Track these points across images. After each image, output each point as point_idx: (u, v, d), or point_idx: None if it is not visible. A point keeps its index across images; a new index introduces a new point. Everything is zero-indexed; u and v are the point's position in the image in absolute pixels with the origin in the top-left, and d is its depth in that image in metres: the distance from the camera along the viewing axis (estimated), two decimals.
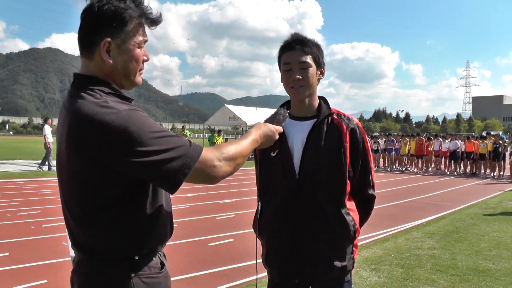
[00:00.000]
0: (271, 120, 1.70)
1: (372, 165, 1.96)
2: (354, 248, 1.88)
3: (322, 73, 1.87)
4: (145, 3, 1.36)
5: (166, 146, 1.22)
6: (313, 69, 1.80)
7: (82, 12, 1.32)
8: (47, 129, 14.82)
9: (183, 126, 20.85)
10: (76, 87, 1.31)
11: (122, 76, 1.36)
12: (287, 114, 1.75)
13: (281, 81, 1.87)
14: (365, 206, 1.97)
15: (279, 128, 1.65)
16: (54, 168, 14.16)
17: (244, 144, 1.42)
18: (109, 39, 1.29)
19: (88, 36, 1.31)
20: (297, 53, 1.80)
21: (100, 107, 1.22)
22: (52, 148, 14.49)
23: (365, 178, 1.93)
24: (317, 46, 1.84)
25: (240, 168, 1.45)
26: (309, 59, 1.80)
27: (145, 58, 1.39)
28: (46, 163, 14.89)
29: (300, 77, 1.79)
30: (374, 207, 2.03)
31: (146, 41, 1.39)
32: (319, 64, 1.84)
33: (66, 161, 1.28)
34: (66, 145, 1.27)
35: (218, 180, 1.32)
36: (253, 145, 1.47)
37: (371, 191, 1.97)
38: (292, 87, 1.81)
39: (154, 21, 1.39)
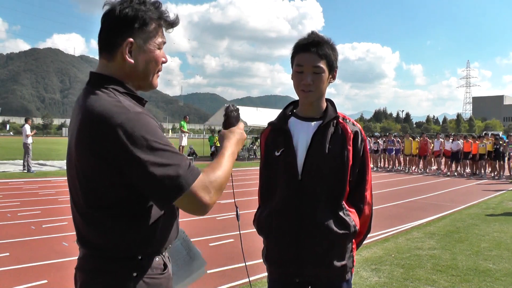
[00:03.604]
0: (230, 123, 1.58)
1: (369, 177, 1.88)
2: (353, 246, 1.88)
3: (333, 77, 1.85)
4: (163, 7, 1.40)
5: (166, 160, 1.21)
6: (325, 74, 1.78)
7: (103, 15, 1.35)
8: (27, 129, 14.59)
9: (185, 116, 20.08)
10: (91, 85, 1.34)
11: (142, 77, 1.39)
12: (236, 106, 1.65)
13: (292, 79, 1.86)
14: (359, 219, 1.87)
15: (242, 125, 1.58)
16: (33, 169, 14.07)
17: (228, 166, 1.36)
18: (131, 40, 1.33)
19: (110, 37, 1.33)
20: (311, 57, 1.76)
21: (112, 106, 1.24)
22: (31, 149, 14.36)
23: (358, 190, 1.86)
24: (332, 49, 1.80)
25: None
26: (322, 64, 1.77)
27: (164, 59, 1.43)
28: (22, 163, 14.51)
29: (311, 82, 1.77)
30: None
31: (164, 42, 1.43)
32: (332, 68, 1.82)
33: (75, 157, 1.30)
34: (75, 141, 1.29)
35: (206, 211, 1.27)
36: (233, 160, 1.42)
37: (362, 205, 1.86)
38: (302, 90, 1.80)
39: (171, 24, 1.43)
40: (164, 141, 1.24)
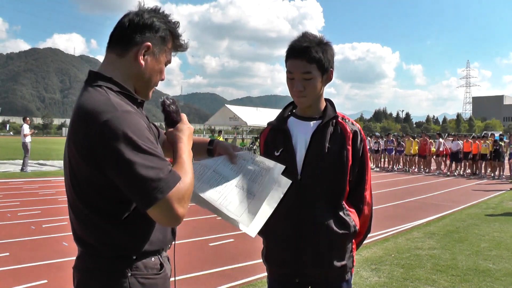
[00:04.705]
0: (173, 119, 1.49)
1: (368, 177, 1.87)
2: (353, 246, 1.88)
3: (329, 78, 1.82)
4: (182, 30, 1.46)
5: (149, 163, 1.19)
6: (317, 79, 1.76)
7: (128, 13, 1.38)
8: (26, 128, 14.52)
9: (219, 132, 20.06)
10: (87, 83, 1.35)
11: (143, 83, 1.41)
12: (171, 97, 1.54)
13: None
14: (359, 219, 1.87)
15: (185, 117, 1.51)
16: (27, 169, 14.04)
17: (191, 171, 1.32)
18: (149, 44, 1.36)
19: (131, 33, 1.35)
20: (300, 63, 1.73)
21: (101, 103, 1.24)
22: (30, 148, 14.32)
23: (358, 190, 1.86)
24: (324, 50, 1.75)
25: None
26: (313, 69, 1.73)
27: (163, 77, 1.46)
28: (22, 163, 14.43)
29: (302, 88, 1.76)
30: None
31: (170, 62, 1.47)
32: (326, 70, 1.78)
33: (67, 155, 1.31)
34: (67, 138, 1.31)
35: (178, 223, 1.24)
36: (191, 161, 1.39)
37: (361, 206, 1.86)
38: (295, 95, 1.80)
39: (182, 48, 1.48)
40: (149, 143, 1.22)
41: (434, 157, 18.78)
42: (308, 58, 1.72)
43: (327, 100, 1.90)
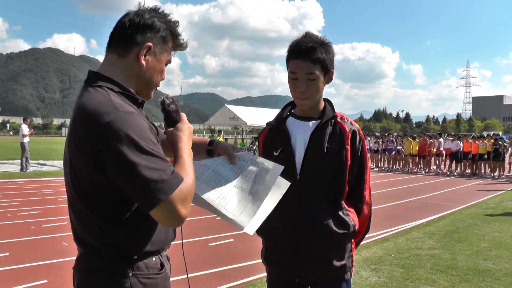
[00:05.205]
0: (173, 118, 1.49)
1: (367, 177, 1.88)
2: (352, 246, 1.88)
3: (330, 78, 1.82)
4: (180, 29, 1.46)
5: (151, 164, 1.19)
6: (320, 79, 1.76)
7: (128, 13, 1.38)
8: (25, 129, 14.50)
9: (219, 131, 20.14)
10: (87, 83, 1.34)
11: (145, 84, 1.41)
12: (171, 97, 1.54)
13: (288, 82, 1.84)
14: (358, 219, 1.87)
15: (184, 116, 1.52)
16: (28, 169, 14.04)
17: (192, 170, 1.32)
18: (151, 44, 1.36)
19: (132, 33, 1.35)
20: (304, 64, 1.72)
21: (102, 104, 1.23)
22: (28, 148, 14.31)
23: (357, 190, 1.86)
24: (327, 51, 1.75)
25: None
26: (316, 70, 1.73)
27: (163, 77, 1.46)
28: (20, 163, 14.41)
29: (306, 89, 1.75)
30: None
31: (170, 61, 1.47)
32: (328, 71, 1.78)
33: (67, 154, 1.31)
34: (68, 138, 1.30)
35: (180, 224, 1.24)
36: (192, 160, 1.39)
37: (360, 205, 1.86)
38: (297, 97, 1.80)
39: (182, 47, 1.48)
40: (151, 144, 1.22)
41: (434, 156, 18.79)
42: (313, 59, 1.72)
43: (325, 100, 1.90)
